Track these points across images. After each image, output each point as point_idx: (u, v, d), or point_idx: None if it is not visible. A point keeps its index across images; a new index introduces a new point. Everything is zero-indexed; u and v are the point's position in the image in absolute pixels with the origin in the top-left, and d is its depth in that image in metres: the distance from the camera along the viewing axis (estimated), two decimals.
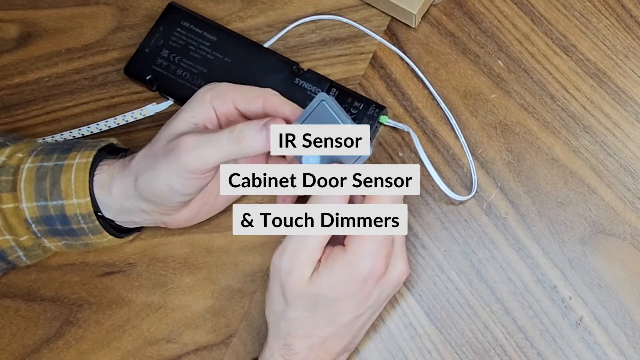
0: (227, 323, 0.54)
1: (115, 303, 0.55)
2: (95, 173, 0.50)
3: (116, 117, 0.60)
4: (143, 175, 0.49)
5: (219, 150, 0.47)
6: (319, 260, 0.47)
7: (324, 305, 0.46)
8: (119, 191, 0.50)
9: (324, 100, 0.47)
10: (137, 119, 0.60)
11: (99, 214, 0.51)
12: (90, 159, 0.50)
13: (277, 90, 0.50)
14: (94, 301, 0.55)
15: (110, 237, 0.52)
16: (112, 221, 0.52)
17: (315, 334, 0.47)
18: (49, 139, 0.59)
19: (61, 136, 0.59)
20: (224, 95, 0.50)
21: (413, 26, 0.60)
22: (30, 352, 0.55)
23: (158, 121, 0.60)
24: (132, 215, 0.52)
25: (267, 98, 0.49)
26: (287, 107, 0.49)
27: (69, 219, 0.50)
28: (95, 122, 0.60)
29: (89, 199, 0.50)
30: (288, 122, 0.48)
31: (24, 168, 0.50)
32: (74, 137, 0.59)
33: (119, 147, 0.55)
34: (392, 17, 0.60)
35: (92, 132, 0.60)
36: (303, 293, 0.46)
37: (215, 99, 0.50)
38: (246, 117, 0.51)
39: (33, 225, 0.51)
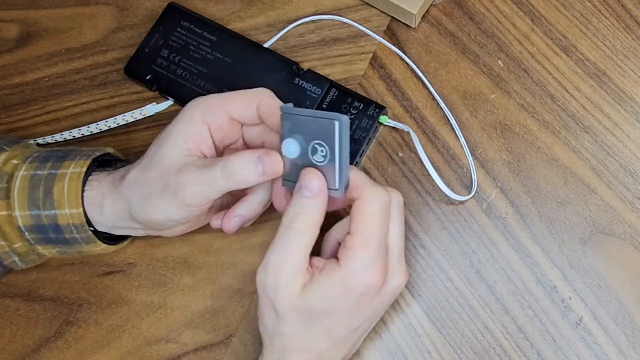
0: (227, 323, 0.54)
1: (115, 303, 0.55)
2: (85, 189, 0.50)
3: (116, 117, 0.60)
4: (137, 203, 0.48)
5: (215, 187, 0.46)
6: (312, 273, 0.45)
7: (317, 318, 0.45)
8: (111, 212, 0.49)
9: (337, 121, 0.44)
10: (137, 119, 0.60)
11: (91, 229, 0.51)
12: (84, 169, 0.50)
13: (276, 91, 0.49)
14: (93, 301, 0.56)
15: (105, 245, 0.52)
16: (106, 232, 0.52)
17: (311, 348, 0.46)
18: (48, 138, 0.59)
19: (61, 136, 0.59)
20: (217, 109, 0.48)
21: (413, 26, 0.60)
22: (30, 352, 0.55)
23: (158, 121, 0.60)
24: (125, 231, 0.52)
25: (261, 100, 0.48)
26: None
27: (62, 229, 0.50)
28: (95, 122, 0.60)
29: (81, 209, 0.49)
30: None
31: (18, 175, 0.50)
32: (74, 137, 0.59)
33: (115, 157, 0.54)
34: (392, 17, 0.60)
35: (92, 132, 0.60)
36: (295, 307, 0.45)
37: (208, 116, 0.48)
38: (242, 123, 0.50)
39: (26, 233, 0.50)
